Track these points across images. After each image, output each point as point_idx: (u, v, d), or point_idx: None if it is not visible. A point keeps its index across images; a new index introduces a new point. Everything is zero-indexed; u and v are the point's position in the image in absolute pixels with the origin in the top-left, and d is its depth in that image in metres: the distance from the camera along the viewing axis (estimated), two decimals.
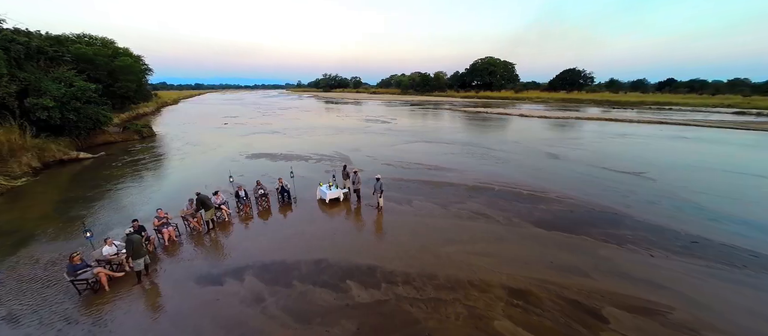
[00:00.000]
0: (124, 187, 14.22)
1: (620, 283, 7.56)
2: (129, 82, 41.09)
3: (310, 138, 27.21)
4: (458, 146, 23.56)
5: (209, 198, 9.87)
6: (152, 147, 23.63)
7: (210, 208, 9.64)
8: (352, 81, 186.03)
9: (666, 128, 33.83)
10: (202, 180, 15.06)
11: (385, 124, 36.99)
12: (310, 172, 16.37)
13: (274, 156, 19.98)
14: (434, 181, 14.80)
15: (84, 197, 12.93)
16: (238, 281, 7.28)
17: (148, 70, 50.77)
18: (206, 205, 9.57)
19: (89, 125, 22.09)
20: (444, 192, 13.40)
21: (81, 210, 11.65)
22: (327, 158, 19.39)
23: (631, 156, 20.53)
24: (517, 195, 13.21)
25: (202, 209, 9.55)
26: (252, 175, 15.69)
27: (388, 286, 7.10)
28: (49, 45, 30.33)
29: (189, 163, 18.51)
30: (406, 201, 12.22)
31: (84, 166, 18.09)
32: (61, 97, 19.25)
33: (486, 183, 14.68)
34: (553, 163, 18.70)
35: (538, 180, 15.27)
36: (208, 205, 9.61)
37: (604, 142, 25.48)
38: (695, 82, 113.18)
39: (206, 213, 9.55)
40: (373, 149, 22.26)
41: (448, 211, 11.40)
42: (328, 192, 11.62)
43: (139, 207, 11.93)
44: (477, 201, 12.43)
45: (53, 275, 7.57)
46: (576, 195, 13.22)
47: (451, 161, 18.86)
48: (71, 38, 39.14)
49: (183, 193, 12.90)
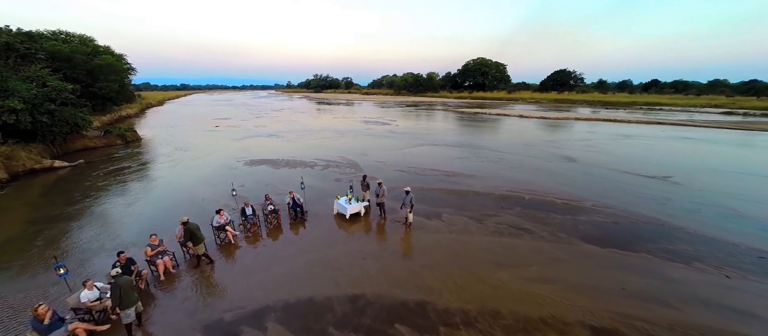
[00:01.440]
0: (106, 203, 12.38)
1: (707, 313, 6.50)
2: (110, 82, 38.35)
3: (310, 142, 25.60)
4: (468, 149, 22.48)
5: (199, 228, 7.74)
6: (138, 153, 21.56)
7: (200, 241, 7.65)
8: (343, 82, 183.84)
9: (667, 129, 33.82)
10: (198, 192, 13.36)
11: (386, 126, 35.68)
12: (319, 181, 14.87)
13: (276, 163, 18.33)
14: (458, 190, 13.58)
15: (58, 216, 11.07)
16: (259, 331, 5.79)
17: (132, 70, 47.83)
18: (195, 237, 7.55)
19: (65, 129, 19.90)
20: (472, 202, 12.18)
21: (53, 231, 9.83)
22: (334, 164, 17.90)
23: (647, 158, 19.91)
24: (550, 205, 12.13)
25: (190, 241, 7.62)
26: (254, 186, 14.09)
27: (448, 331, 5.78)
28: (19, 41, 27.74)
29: (181, 172, 16.67)
30: (435, 214, 10.94)
31: (59, 177, 16.02)
32: (31, 98, 17.06)
33: (513, 191, 13.57)
34: (571, 167, 17.81)
35: (565, 186, 14.28)
36: (197, 238, 7.58)
37: (613, 144, 24.93)
38: (678, 83, 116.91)
39: (196, 246, 7.61)
40: (381, 153, 20.90)
41: (484, 226, 10.18)
42: (349, 206, 10.20)
43: (125, 228, 10.20)
44: (511, 213, 11.27)
45: (15, 330, 5.90)
46: (613, 204, 12.25)
47: (467, 166, 17.71)
48: (46, 35, 36.20)
49: (178, 209, 11.24)
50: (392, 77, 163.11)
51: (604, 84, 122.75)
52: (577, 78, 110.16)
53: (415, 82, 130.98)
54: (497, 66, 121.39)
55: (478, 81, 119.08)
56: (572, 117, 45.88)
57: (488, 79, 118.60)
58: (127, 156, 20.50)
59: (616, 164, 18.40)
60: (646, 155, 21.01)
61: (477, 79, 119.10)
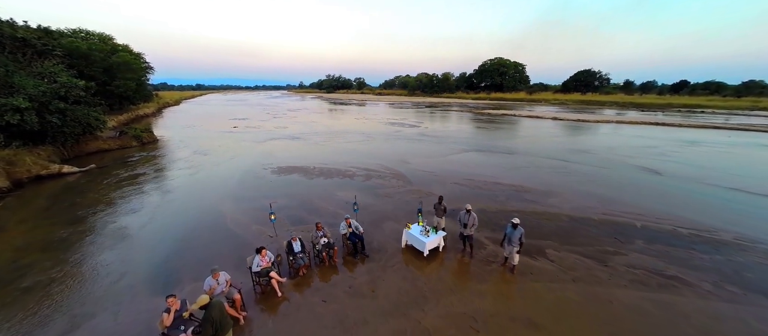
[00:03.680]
0: (115, 222, 10.20)
1: None
2: (128, 80, 37.14)
3: (338, 146, 23.22)
4: (520, 157, 19.60)
5: (223, 305, 4.73)
6: (154, 156, 19.63)
7: (226, 330, 4.59)
8: (355, 82, 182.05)
9: (733, 135, 29.93)
10: (224, 209, 11.05)
11: (415, 128, 33.04)
12: (366, 195, 12.33)
13: (308, 171, 15.94)
14: (543, 213, 10.81)
15: (56, 241, 8.92)
16: None
17: (150, 69, 46.85)
18: (221, 328, 4.46)
19: (77, 131, 18.10)
20: (574, 232, 9.42)
21: (46, 265, 7.64)
22: (375, 174, 15.38)
23: (743, 171, 16.62)
24: (675, 236, 9.26)
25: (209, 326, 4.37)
26: (289, 202, 11.70)
27: None
28: (36, 37, 26.47)
29: (202, 182, 14.49)
30: (537, 250, 8.24)
31: (67, 184, 14.08)
32: (38, 95, 15.22)
33: (612, 214, 10.72)
34: (660, 182, 14.76)
35: (674, 208, 11.33)
36: (223, 328, 4.50)
37: (687, 152, 21.58)
38: (711, 83, 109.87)
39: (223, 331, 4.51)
40: (424, 161, 18.27)
41: (614, 271, 7.43)
42: (426, 240, 7.63)
43: (135, 265, 7.93)
44: (634, 249, 8.47)
45: None
46: (755, 235, 9.30)
47: (533, 179, 14.89)
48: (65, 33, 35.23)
49: (200, 235, 8.93)
50: (405, 78, 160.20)
51: (630, 85, 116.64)
52: (603, 78, 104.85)
53: (430, 83, 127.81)
54: (516, 66, 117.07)
55: (496, 81, 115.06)
56: (613, 120, 42.13)
57: (506, 79, 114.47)
58: (143, 160, 18.55)
59: (713, 178, 15.25)
60: (738, 167, 17.68)
61: (495, 79, 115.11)
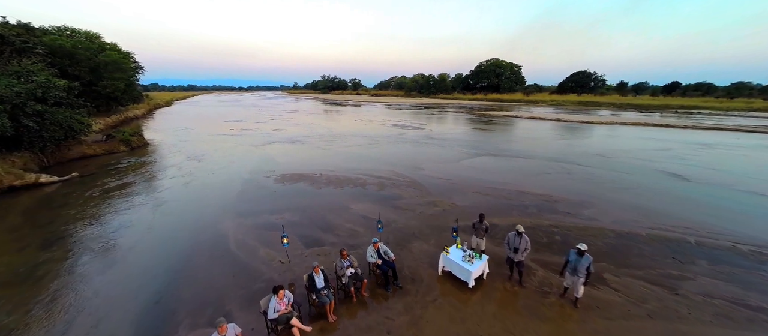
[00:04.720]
0: (96, 246, 8.79)
1: None
2: (116, 81, 35.20)
3: (342, 149, 21.94)
4: (539, 162, 18.60)
5: None
6: (144, 162, 18.09)
7: None
8: (351, 83, 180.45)
9: (741, 136, 29.54)
10: (225, 229, 9.71)
11: (418, 130, 31.93)
12: (384, 209, 11.06)
13: (315, 180, 14.64)
14: (587, 229, 9.72)
15: (22, 274, 7.49)
16: None
17: (139, 68, 44.78)
18: None
19: (58, 135, 16.49)
20: (626, 252, 8.34)
21: (5, 305, 6.25)
22: (389, 183, 14.15)
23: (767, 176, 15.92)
24: (737, 253, 8.28)
25: None
26: (299, 219, 10.42)
27: None
28: (15, 34, 24.61)
29: (198, 194, 13.07)
30: (595, 276, 7.11)
31: (44, 196, 12.55)
32: (11, 96, 13.64)
33: (659, 228, 9.70)
34: (691, 190, 13.87)
35: (720, 220, 10.38)
36: None
37: (704, 155, 20.88)
38: (702, 85, 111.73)
39: None
40: (437, 167, 17.12)
41: (689, 301, 6.36)
42: (471, 268, 6.45)
43: (119, 308, 6.58)
44: (701, 271, 7.43)
45: None
46: None
47: (560, 187, 13.83)
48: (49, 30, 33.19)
49: (197, 264, 7.59)
50: (401, 78, 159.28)
51: (624, 86, 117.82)
52: (598, 80, 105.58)
53: (427, 84, 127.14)
54: (511, 67, 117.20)
55: (492, 82, 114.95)
56: (616, 121, 41.65)
57: (503, 80, 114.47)
58: (131, 167, 17.01)
59: (744, 184, 14.43)
60: (760, 171, 16.98)
61: (491, 80, 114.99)
